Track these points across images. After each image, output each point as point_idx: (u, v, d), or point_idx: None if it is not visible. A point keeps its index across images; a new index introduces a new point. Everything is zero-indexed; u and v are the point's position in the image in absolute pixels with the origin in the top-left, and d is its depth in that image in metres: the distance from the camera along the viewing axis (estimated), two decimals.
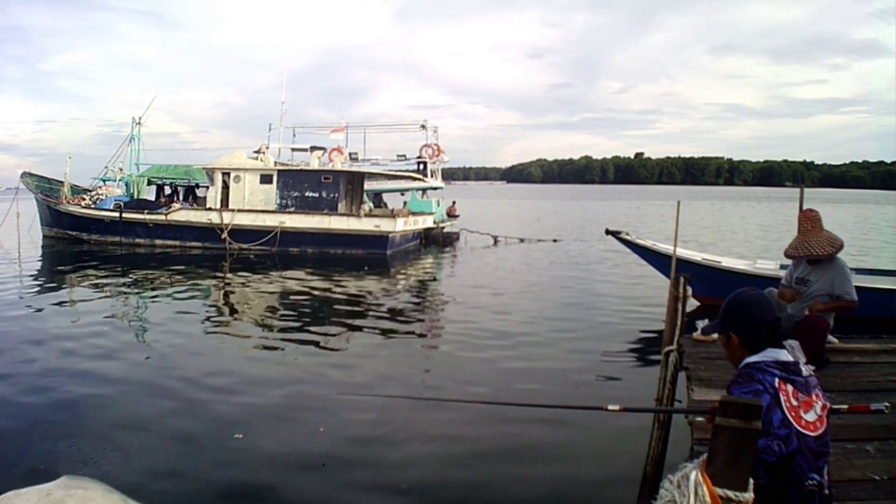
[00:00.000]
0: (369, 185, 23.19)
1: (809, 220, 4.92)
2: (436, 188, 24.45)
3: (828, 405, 2.02)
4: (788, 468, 1.88)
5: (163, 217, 19.26)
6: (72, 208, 20.35)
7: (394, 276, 15.52)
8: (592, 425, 5.24)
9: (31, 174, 22.15)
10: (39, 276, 14.53)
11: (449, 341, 8.62)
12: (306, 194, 18.90)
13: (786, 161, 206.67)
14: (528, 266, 16.74)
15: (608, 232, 10.18)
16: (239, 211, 18.66)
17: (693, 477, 1.60)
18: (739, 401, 1.60)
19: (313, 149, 23.05)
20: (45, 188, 21.70)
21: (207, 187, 19.96)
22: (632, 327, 9.33)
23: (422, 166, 23.82)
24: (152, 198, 22.58)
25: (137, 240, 19.51)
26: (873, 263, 13.20)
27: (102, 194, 21.45)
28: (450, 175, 50.14)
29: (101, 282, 13.40)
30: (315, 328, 9.34)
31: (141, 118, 23.63)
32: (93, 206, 20.39)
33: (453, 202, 27.32)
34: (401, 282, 14.68)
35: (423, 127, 24.64)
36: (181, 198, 23.33)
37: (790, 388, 1.95)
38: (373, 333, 9.11)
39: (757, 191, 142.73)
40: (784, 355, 2.04)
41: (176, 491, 4.26)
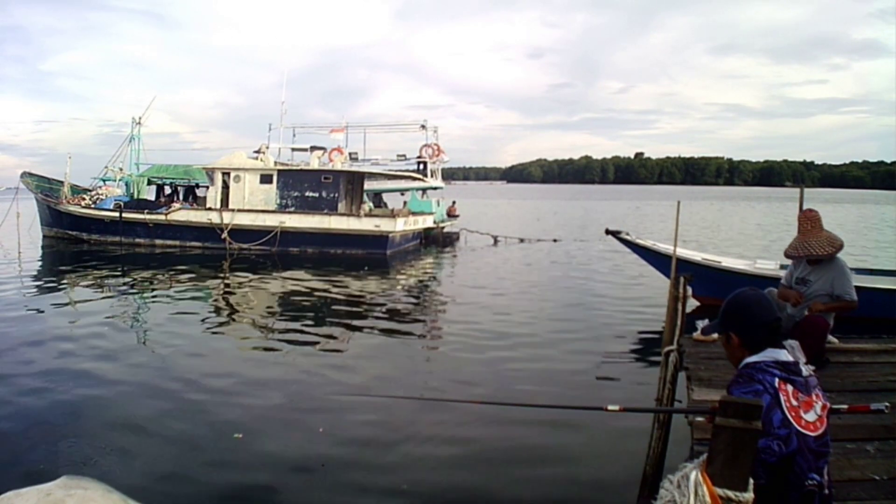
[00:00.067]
0: (369, 185, 23.19)
1: (809, 220, 4.92)
2: (436, 188, 24.46)
3: (828, 405, 2.02)
4: (788, 468, 1.88)
5: (163, 217, 19.26)
6: (72, 208, 20.35)
7: (394, 276, 15.52)
8: (592, 425, 5.23)
9: (31, 174, 22.15)
10: (39, 276, 14.52)
11: (449, 342, 8.62)
12: (306, 194, 18.90)
13: (786, 161, 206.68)
14: (528, 266, 16.74)
15: (608, 232, 10.17)
16: (239, 211, 18.66)
17: (693, 477, 1.60)
18: (739, 401, 1.60)
19: (313, 149, 23.06)
20: (45, 188, 21.70)
21: (207, 187, 19.95)
22: (632, 327, 9.33)
23: (422, 166, 23.83)
24: (152, 198, 22.58)
25: (137, 240, 19.51)
26: (873, 263, 13.19)
27: (102, 194, 21.45)
28: (450, 175, 50.17)
29: (101, 282, 13.41)
30: (315, 328, 9.34)
31: (141, 118, 23.65)
32: (93, 206, 20.39)
33: (453, 202, 27.31)
34: (401, 282, 14.67)
35: (423, 127, 24.65)
36: (181, 198, 23.33)
37: (790, 388, 1.95)
38: (372, 334, 9.11)
39: (757, 191, 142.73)
40: (784, 355, 2.03)
41: (176, 491, 4.26)
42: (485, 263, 17.55)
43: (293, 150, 24.75)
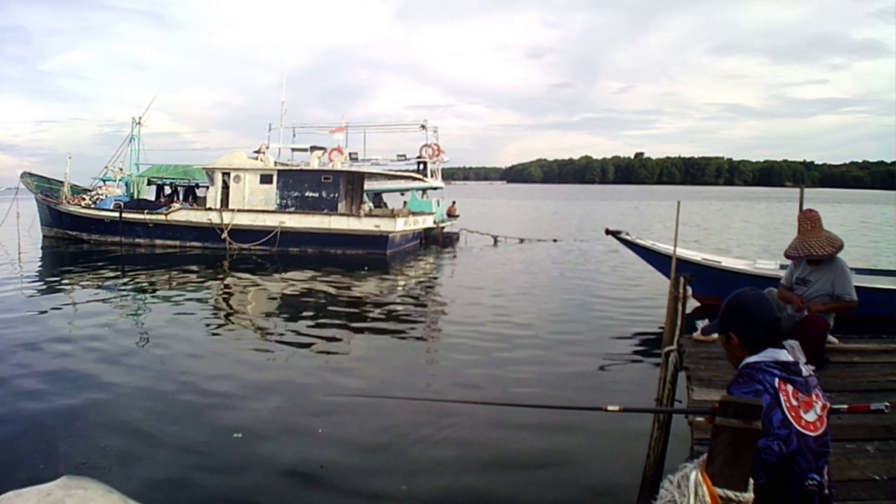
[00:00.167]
0: (369, 185, 23.18)
1: (809, 220, 4.91)
2: (436, 188, 24.44)
3: (828, 405, 2.02)
4: (788, 468, 1.88)
5: (163, 217, 19.26)
6: (72, 208, 20.35)
7: (394, 276, 15.52)
8: (592, 426, 5.23)
9: (31, 174, 22.15)
10: (39, 276, 14.52)
11: (449, 342, 8.62)
12: (306, 194, 18.90)
13: (786, 161, 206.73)
14: (528, 266, 16.73)
15: (608, 232, 10.17)
16: (239, 211, 18.66)
17: (693, 477, 1.60)
18: (739, 401, 1.59)
19: (313, 149, 23.04)
20: (45, 188, 21.70)
21: (207, 187, 19.95)
22: (632, 328, 9.32)
23: (422, 166, 23.80)
24: (152, 198, 22.58)
25: (137, 240, 19.51)
26: (873, 263, 13.19)
27: (102, 194, 21.45)
28: (450, 175, 50.11)
29: (100, 282, 13.40)
30: (314, 329, 9.33)
31: (141, 118, 23.65)
32: (93, 206, 20.39)
33: (453, 202, 27.30)
34: (401, 282, 14.67)
35: (423, 127, 24.62)
36: (181, 198, 23.33)
37: (790, 388, 1.95)
38: (372, 334, 9.10)
39: (757, 191, 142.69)
40: (784, 355, 2.03)
41: (175, 491, 4.26)
42: (485, 264, 17.56)
43: (293, 150, 24.73)
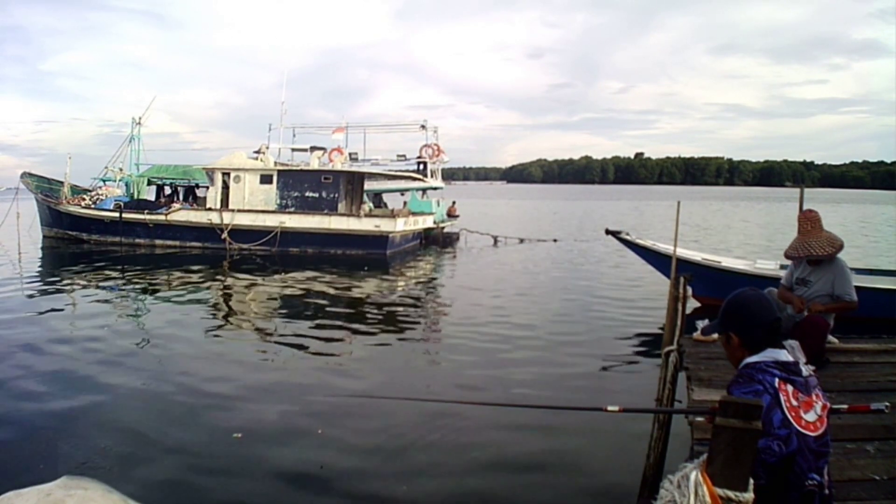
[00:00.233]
0: (369, 185, 23.18)
1: (809, 220, 4.91)
2: (436, 188, 24.43)
3: (828, 405, 2.02)
4: (788, 468, 1.88)
5: (163, 217, 19.26)
6: (72, 208, 20.35)
7: (394, 276, 15.52)
8: (592, 426, 5.23)
9: (31, 174, 22.14)
10: (39, 276, 14.52)
11: (449, 343, 8.62)
12: (306, 194, 18.90)
13: (786, 161, 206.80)
14: (528, 266, 16.73)
15: (608, 232, 10.17)
16: (239, 211, 18.66)
17: (693, 477, 1.60)
18: (739, 401, 1.59)
19: (313, 149, 23.02)
20: (45, 188, 21.69)
21: (207, 187, 19.95)
22: (632, 328, 9.32)
23: (422, 166, 23.79)
24: (152, 198, 22.59)
25: (137, 240, 19.51)
26: (873, 263, 13.18)
27: (102, 194, 21.44)
28: (450, 175, 50.08)
29: (100, 282, 13.40)
30: (314, 329, 9.33)
31: (141, 118, 23.65)
32: (93, 206, 20.38)
33: (453, 202, 27.30)
34: (400, 282, 14.67)
35: (423, 127, 24.61)
36: (181, 198, 23.34)
37: (790, 388, 1.95)
38: (372, 335, 9.10)
39: (757, 191, 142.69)
40: (784, 355, 2.03)
41: (175, 491, 4.26)
42: (485, 264, 17.56)
43: (293, 150, 24.72)
